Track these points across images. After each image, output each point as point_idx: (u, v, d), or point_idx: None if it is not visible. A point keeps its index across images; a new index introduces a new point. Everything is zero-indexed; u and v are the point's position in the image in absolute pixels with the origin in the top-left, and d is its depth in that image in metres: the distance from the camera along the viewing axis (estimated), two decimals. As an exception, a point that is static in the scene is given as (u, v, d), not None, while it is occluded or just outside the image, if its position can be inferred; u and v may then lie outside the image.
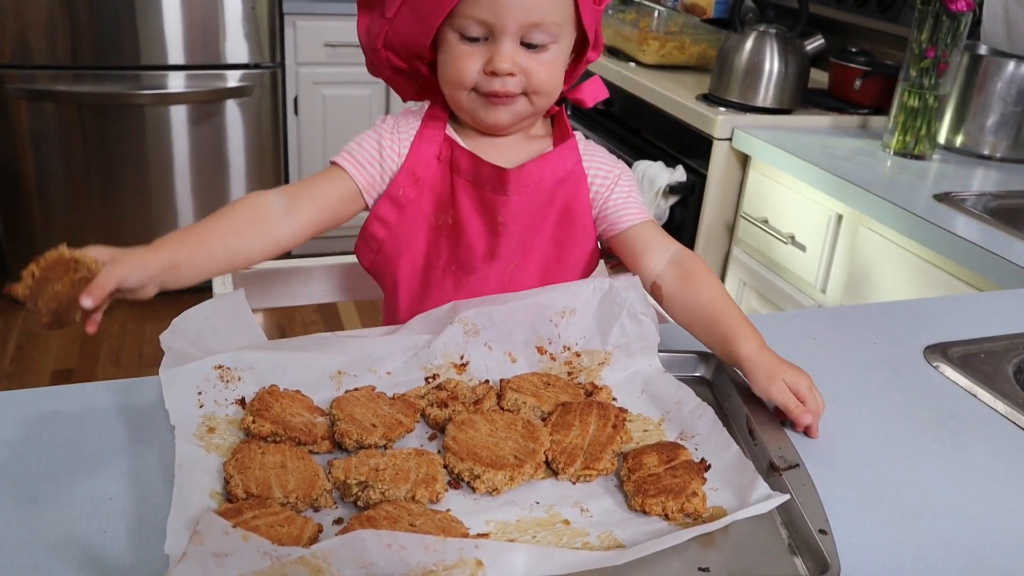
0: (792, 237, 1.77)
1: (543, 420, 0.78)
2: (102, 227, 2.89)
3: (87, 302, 0.70)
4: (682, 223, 2.05)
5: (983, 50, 1.84)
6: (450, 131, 0.96)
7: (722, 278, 2.04)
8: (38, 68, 2.65)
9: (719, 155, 1.92)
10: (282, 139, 3.06)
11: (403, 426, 0.75)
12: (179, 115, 2.82)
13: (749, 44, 1.97)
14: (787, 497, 0.67)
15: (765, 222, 1.83)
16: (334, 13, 2.98)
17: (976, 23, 1.83)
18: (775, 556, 0.65)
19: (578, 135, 0.99)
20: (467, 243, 0.94)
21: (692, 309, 0.88)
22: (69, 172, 2.79)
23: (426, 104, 0.99)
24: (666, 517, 0.67)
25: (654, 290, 0.91)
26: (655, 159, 2.07)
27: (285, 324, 2.95)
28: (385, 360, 0.84)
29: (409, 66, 0.95)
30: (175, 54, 2.75)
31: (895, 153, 1.78)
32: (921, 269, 1.47)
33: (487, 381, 0.84)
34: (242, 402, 0.76)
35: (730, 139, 1.90)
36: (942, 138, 1.85)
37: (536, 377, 0.83)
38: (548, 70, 0.89)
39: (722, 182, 1.95)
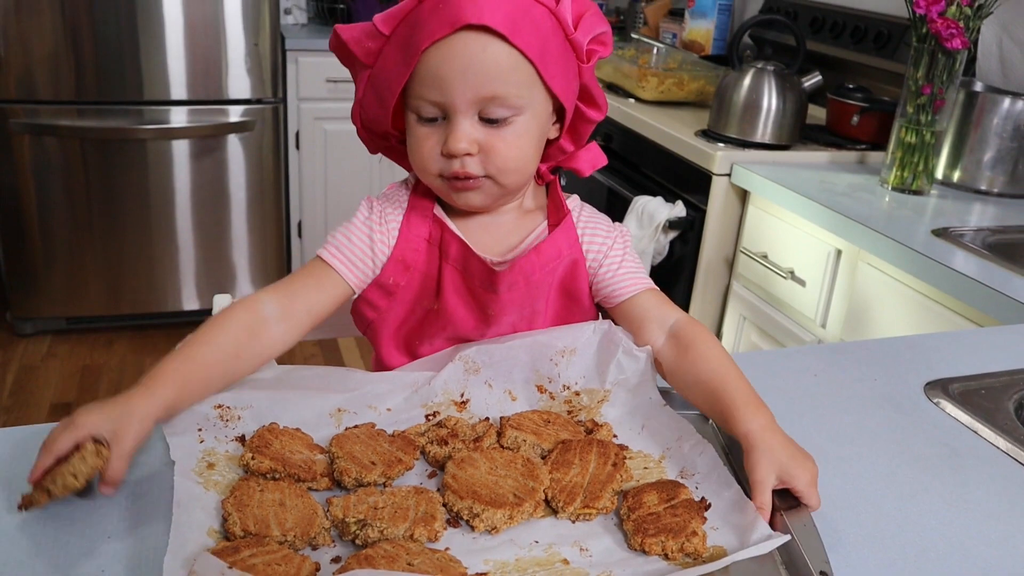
0: (791, 272, 1.77)
1: (543, 458, 0.78)
2: (103, 260, 2.90)
3: (111, 492, 0.68)
4: (682, 258, 2.05)
5: (979, 87, 1.86)
6: (439, 211, 0.92)
7: (721, 313, 2.05)
8: (42, 103, 2.67)
9: (718, 190, 1.93)
10: (283, 173, 3.08)
11: (402, 464, 0.75)
12: (181, 149, 2.85)
13: (747, 81, 1.99)
14: (787, 538, 0.67)
15: (765, 257, 1.84)
16: (336, 49, 3.01)
17: (971, 60, 1.86)
18: (777, 596, 0.65)
19: (574, 203, 0.95)
20: (455, 330, 0.91)
21: (691, 384, 0.83)
22: (71, 205, 2.80)
23: (412, 179, 0.95)
24: (666, 556, 0.67)
25: (656, 365, 0.87)
26: (655, 194, 2.08)
27: (285, 358, 2.94)
28: (385, 397, 0.84)
29: (386, 145, 0.93)
30: (178, 89, 2.77)
31: (893, 188, 1.79)
32: (921, 304, 1.47)
33: (487, 419, 0.83)
34: (242, 439, 0.76)
35: (729, 175, 1.92)
36: (939, 173, 1.86)
37: (536, 415, 0.83)
38: (511, 146, 0.83)
39: (721, 217, 1.96)
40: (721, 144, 1.98)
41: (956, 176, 1.85)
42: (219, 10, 2.73)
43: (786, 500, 0.72)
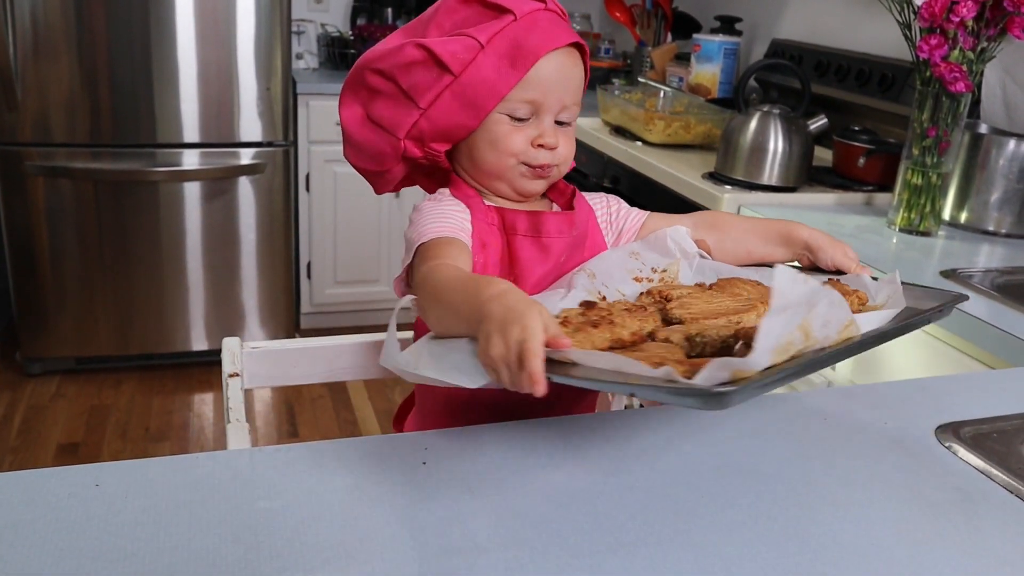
0: (800, 313, 1.76)
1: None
2: (113, 301, 2.91)
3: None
4: (690, 299, 2.05)
5: (983, 129, 1.87)
6: (489, 203, 0.99)
7: (731, 354, 2.04)
8: (57, 146, 2.71)
9: (725, 232, 1.94)
10: (293, 215, 3.10)
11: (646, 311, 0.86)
12: (192, 191, 2.88)
13: (754, 124, 2.01)
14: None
15: (773, 298, 1.83)
16: (346, 93, 3.05)
17: (975, 103, 1.87)
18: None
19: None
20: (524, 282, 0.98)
21: (741, 237, 1.05)
22: (82, 247, 2.83)
23: (445, 192, 0.99)
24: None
25: (701, 246, 1.05)
26: (662, 235, 2.08)
27: (293, 399, 2.95)
28: (553, 307, 0.86)
29: (424, 154, 0.97)
30: (191, 133, 2.81)
31: (900, 230, 1.79)
32: (930, 346, 1.47)
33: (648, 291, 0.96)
34: None
35: (736, 216, 1.92)
36: (947, 214, 1.86)
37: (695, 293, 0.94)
38: (570, 143, 1.00)
39: (729, 258, 1.96)
40: (728, 186, 1.99)
41: (963, 217, 1.86)
42: (232, 55, 2.77)
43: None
